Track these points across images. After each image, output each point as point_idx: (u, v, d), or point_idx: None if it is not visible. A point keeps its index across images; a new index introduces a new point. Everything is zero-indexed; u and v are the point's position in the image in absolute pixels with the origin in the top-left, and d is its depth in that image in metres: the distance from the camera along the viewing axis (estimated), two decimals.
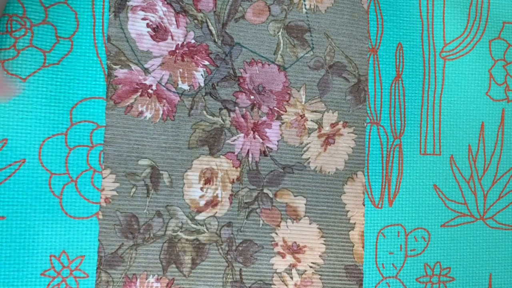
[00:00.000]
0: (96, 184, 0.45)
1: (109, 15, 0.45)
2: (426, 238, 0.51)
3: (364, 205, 0.50)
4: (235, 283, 0.46)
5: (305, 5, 0.49)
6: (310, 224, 0.48)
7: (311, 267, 0.48)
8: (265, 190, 0.47)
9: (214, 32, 0.47)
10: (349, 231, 0.49)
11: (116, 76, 0.45)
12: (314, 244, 0.48)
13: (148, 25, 0.46)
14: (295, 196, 0.48)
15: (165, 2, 0.46)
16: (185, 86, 0.46)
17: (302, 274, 0.48)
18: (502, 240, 0.53)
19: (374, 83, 0.51)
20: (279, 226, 0.48)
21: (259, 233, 0.47)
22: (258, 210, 0.47)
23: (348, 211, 0.49)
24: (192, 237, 0.46)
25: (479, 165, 0.53)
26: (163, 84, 0.45)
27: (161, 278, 0.45)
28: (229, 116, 0.47)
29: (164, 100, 0.46)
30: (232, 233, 0.47)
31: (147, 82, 0.46)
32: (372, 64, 0.51)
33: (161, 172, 0.46)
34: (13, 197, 0.43)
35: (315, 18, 0.49)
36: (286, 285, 0.47)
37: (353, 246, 0.49)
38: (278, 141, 0.48)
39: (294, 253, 0.48)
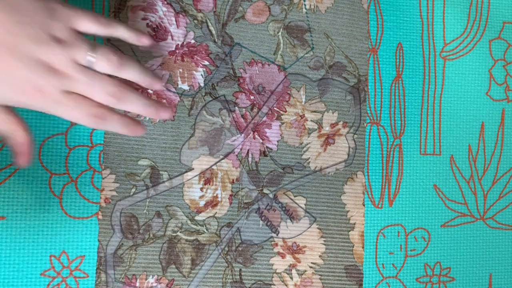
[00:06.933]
0: (96, 184, 0.45)
1: (109, 15, 0.45)
2: (426, 238, 0.51)
3: (364, 205, 0.50)
4: (235, 284, 0.46)
5: (305, 5, 0.49)
6: (310, 224, 0.48)
7: (311, 267, 0.48)
8: (265, 190, 0.47)
9: (214, 32, 0.47)
10: (349, 231, 0.49)
11: None
12: (314, 244, 0.48)
13: (148, 25, 0.46)
14: (295, 196, 0.48)
15: (165, 2, 0.46)
16: (185, 86, 0.46)
17: (302, 274, 0.48)
18: (502, 240, 0.53)
19: (374, 83, 0.51)
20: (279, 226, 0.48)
21: (259, 233, 0.47)
22: (258, 211, 0.47)
23: (348, 211, 0.49)
24: (192, 238, 0.46)
25: (479, 165, 0.53)
26: (163, 84, 0.45)
27: (160, 278, 0.45)
28: (229, 116, 0.47)
29: (164, 100, 0.46)
30: (232, 234, 0.47)
31: None
32: (372, 64, 0.51)
33: (161, 172, 0.46)
34: (13, 197, 0.43)
35: (315, 18, 0.49)
36: (286, 285, 0.47)
37: (353, 246, 0.49)
38: (278, 141, 0.48)
39: (294, 253, 0.48)
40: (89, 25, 0.36)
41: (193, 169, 0.46)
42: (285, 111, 0.48)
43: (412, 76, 0.52)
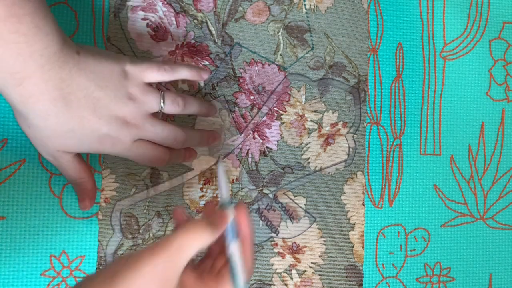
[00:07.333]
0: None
1: (109, 15, 0.45)
2: (426, 238, 0.51)
3: (364, 205, 0.50)
4: None
5: (305, 5, 0.49)
6: (310, 224, 0.48)
7: (311, 267, 0.48)
8: (265, 190, 0.47)
9: (214, 32, 0.47)
10: (349, 231, 0.49)
11: None
12: (314, 244, 0.48)
13: (148, 25, 0.46)
14: (295, 196, 0.48)
15: (165, 2, 0.46)
16: (185, 86, 0.46)
17: (302, 274, 0.48)
18: (502, 240, 0.53)
19: (374, 83, 0.51)
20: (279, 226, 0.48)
21: (259, 233, 0.47)
22: (258, 211, 0.47)
23: (348, 211, 0.49)
24: None
25: (479, 165, 0.53)
26: (163, 84, 0.45)
27: None
28: (229, 116, 0.47)
29: None
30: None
31: None
32: (372, 64, 0.51)
33: (161, 172, 0.46)
34: (13, 197, 0.43)
35: (315, 18, 0.49)
36: (286, 285, 0.47)
37: (353, 246, 0.49)
38: (277, 141, 0.48)
39: (294, 253, 0.48)
40: (155, 75, 0.40)
41: (193, 169, 0.46)
42: (285, 111, 0.48)
43: (412, 76, 0.52)
